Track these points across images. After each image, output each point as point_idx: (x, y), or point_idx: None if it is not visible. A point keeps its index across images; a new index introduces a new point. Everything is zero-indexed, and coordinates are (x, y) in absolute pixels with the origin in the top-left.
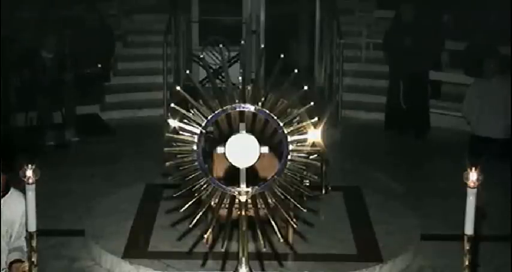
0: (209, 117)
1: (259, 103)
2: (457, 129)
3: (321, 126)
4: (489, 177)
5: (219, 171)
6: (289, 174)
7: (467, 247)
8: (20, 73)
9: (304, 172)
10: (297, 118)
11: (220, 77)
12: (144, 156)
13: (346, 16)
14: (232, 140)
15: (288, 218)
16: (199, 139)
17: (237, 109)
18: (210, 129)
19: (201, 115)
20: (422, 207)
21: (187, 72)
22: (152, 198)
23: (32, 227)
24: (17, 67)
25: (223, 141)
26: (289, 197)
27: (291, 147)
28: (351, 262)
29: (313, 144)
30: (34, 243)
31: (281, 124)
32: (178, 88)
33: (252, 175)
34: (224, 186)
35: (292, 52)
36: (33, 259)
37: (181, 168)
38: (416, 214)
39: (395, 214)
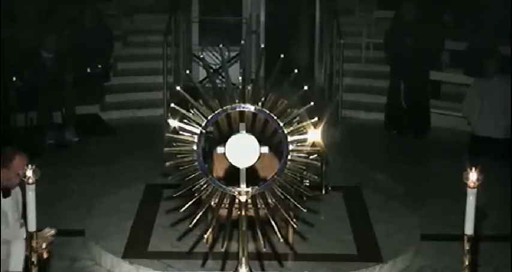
0: (209, 117)
1: (259, 103)
2: (457, 129)
3: (321, 126)
4: (489, 177)
5: (219, 171)
6: (289, 174)
7: (467, 247)
8: (20, 73)
9: (304, 172)
10: (297, 118)
11: (220, 77)
12: (144, 156)
13: (346, 16)
14: (232, 140)
15: (288, 218)
16: (199, 139)
17: (237, 109)
18: (210, 129)
19: (201, 115)
20: (422, 207)
21: (187, 72)
22: (152, 198)
23: (32, 227)
24: (17, 67)
25: (223, 141)
26: (289, 197)
27: (291, 147)
28: (351, 262)
29: (313, 144)
30: (34, 243)
31: (281, 124)
32: (178, 88)
33: (252, 175)
34: (224, 186)
35: (292, 52)
36: (33, 259)
37: (181, 168)
38: (416, 214)
39: (395, 214)
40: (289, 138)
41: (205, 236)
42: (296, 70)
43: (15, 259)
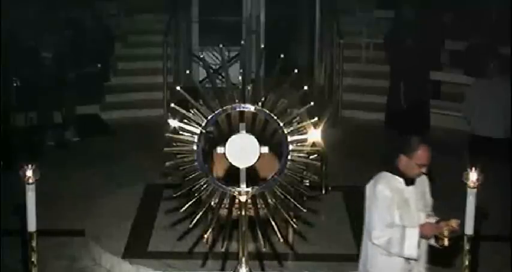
0: (209, 117)
1: (259, 103)
2: (457, 129)
3: (321, 126)
4: (489, 177)
5: (219, 171)
6: (289, 174)
7: (467, 247)
8: (20, 73)
9: (304, 172)
10: (297, 118)
11: (220, 77)
12: (144, 156)
13: (346, 16)
14: (232, 140)
15: (288, 218)
16: (199, 139)
17: (237, 109)
18: (210, 129)
19: (201, 115)
20: None
21: (187, 72)
22: (152, 198)
23: (32, 227)
24: (17, 67)
25: (223, 141)
26: (289, 197)
27: (291, 147)
28: (351, 262)
29: (313, 144)
30: (34, 243)
31: (281, 124)
32: (178, 88)
33: (253, 175)
34: (224, 186)
35: (292, 52)
36: (33, 259)
37: (181, 168)
38: None
39: None
40: (289, 138)
41: (205, 236)
42: (296, 70)
43: (409, 243)
